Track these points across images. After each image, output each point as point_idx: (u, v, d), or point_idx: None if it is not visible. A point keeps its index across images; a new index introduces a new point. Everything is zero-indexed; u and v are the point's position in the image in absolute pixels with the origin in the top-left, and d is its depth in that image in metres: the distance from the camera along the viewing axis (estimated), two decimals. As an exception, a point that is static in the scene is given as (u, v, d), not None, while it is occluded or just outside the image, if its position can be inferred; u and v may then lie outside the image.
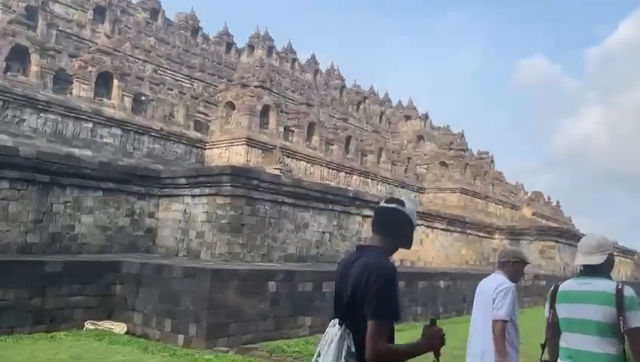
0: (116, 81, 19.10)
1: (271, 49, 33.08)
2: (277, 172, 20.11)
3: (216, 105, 22.53)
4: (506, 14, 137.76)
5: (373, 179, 24.81)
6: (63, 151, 16.31)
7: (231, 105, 21.20)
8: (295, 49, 34.74)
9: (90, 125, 18.08)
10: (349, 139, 24.15)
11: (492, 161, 33.29)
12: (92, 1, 24.12)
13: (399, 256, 15.64)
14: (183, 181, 12.03)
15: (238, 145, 20.25)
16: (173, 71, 26.02)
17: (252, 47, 33.11)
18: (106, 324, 8.87)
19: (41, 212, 10.58)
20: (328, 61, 37.42)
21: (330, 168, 22.99)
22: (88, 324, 8.72)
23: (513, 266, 4.45)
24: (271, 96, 21.60)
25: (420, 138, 31.06)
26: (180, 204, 12.21)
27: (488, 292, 4.38)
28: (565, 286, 3.28)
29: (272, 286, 8.98)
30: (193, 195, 11.92)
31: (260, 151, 20.48)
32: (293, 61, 34.07)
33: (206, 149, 21.29)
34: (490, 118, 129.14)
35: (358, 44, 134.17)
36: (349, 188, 22.69)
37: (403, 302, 10.50)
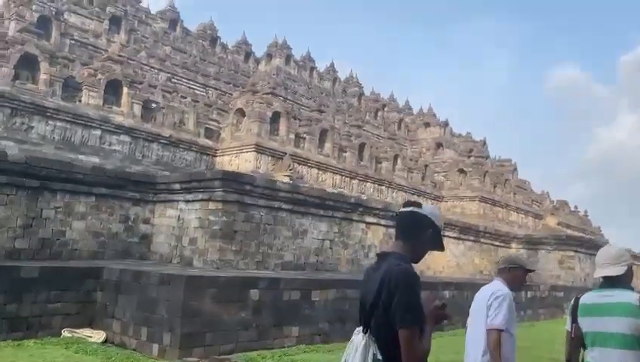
0: (126, 89, 19.14)
1: (289, 57, 33.00)
2: (286, 179, 19.83)
3: (228, 113, 22.41)
4: (535, 22, 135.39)
5: (388, 187, 24.31)
6: (69, 157, 16.37)
7: (241, 112, 21.05)
8: (318, 59, 34.80)
9: (98, 132, 18.11)
10: (362, 146, 23.72)
11: (515, 169, 32.43)
12: (108, 11, 24.35)
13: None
14: (177, 186, 11.81)
15: (247, 152, 20.05)
16: (188, 79, 26.06)
17: (270, 56, 33.08)
18: (85, 332, 8.64)
19: (31, 217, 10.47)
20: (351, 70, 37.08)
21: (342, 175, 22.60)
22: (65, 332, 8.51)
23: (510, 273, 4.10)
24: (282, 103, 21.35)
25: (439, 145, 30.44)
26: (175, 209, 11.99)
27: (483, 299, 4.04)
28: (586, 298, 3.20)
29: (254, 294, 8.63)
30: (187, 201, 11.69)
31: (270, 158, 20.24)
32: (312, 69, 33.92)
33: (217, 156, 21.16)
34: (520, 127, 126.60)
35: (384, 54, 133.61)
36: (362, 195, 22.29)
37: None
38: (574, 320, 3.22)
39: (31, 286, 8.35)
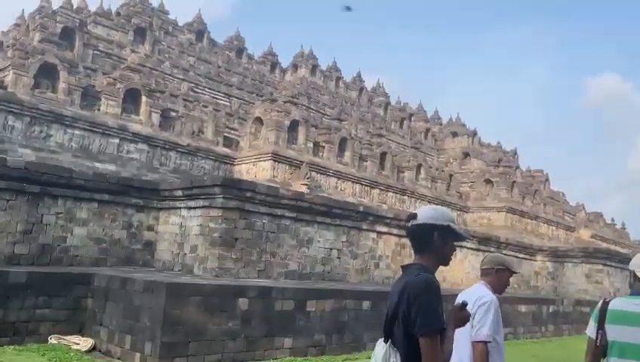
0: (144, 98, 19.28)
1: (314, 67, 32.90)
2: (304, 188, 19.56)
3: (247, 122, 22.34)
4: (572, 31, 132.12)
5: (411, 197, 23.76)
6: (86, 165, 16.52)
7: (259, 120, 20.94)
8: (349, 70, 34.50)
9: (116, 141, 18.26)
10: (384, 155, 23.28)
11: (546, 180, 31.40)
12: (133, 22, 24.71)
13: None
14: (180, 193, 11.66)
15: (264, 160, 19.90)
16: (211, 89, 26.19)
17: (296, 66, 33.07)
18: (73, 339, 8.50)
19: (31, 223, 10.47)
20: (378, 79, 36.77)
21: (363, 185, 22.19)
22: (52, 339, 8.39)
23: (497, 275, 3.79)
24: (300, 112, 21.14)
25: (466, 155, 29.70)
26: (177, 216, 11.85)
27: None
28: (617, 304, 2.97)
29: (242, 303, 8.33)
30: (189, 208, 11.53)
31: (288, 167, 20.03)
32: (337, 79, 33.72)
33: (235, 165, 21.08)
34: (556, 138, 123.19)
35: (417, 65, 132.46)
36: (383, 205, 21.80)
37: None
38: (601, 327, 2.97)
39: (18, 292, 8.27)
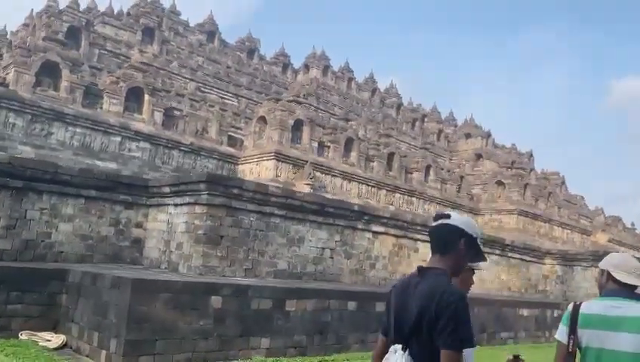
0: (147, 96, 19.22)
1: (326, 68, 32.63)
2: (307, 188, 19.27)
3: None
4: (595, 32, 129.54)
5: (419, 198, 23.31)
6: (86, 163, 16.48)
7: (263, 119, 20.74)
8: (365, 71, 34.11)
9: (118, 139, 18.22)
10: (391, 155, 22.88)
11: (563, 183, 30.61)
12: (141, 22, 24.72)
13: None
14: (167, 190, 11.46)
15: (267, 160, 19.67)
16: (219, 89, 26.09)
17: (308, 67, 32.85)
18: (45, 336, 8.33)
19: (14, 218, 10.36)
20: (391, 81, 36.34)
21: (369, 185, 21.82)
22: (23, 335, 8.23)
23: (459, 276, 3.44)
24: (305, 111, 20.86)
25: (479, 157, 29.09)
26: (165, 214, 11.65)
27: None
28: (592, 308, 2.77)
29: (215, 301, 8.06)
30: (175, 204, 11.32)
31: (291, 167, 19.76)
32: (350, 80, 33.39)
33: (239, 165, 20.90)
34: (579, 139, 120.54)
35: (437, 65, 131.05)
36: (390, 206, 21.40)
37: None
38: (573, 331, 2.77)
39: (-11, 286, 8.13)
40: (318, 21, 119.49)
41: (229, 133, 21.66)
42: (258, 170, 20.05)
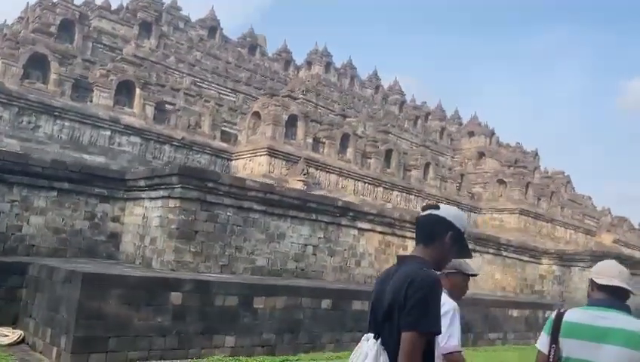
0: (138, 90, 18.95)
1: (329, 65, 32.25)
2: (300, 184, 18.90)
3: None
4: (608, 33, 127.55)
5: (417, 196, 22.83)
6: (73, 156, 16.23)
7: (257, 115, 20.39)
8: (367, 68, 33.68)
9: (108, 133, 17.96)
10: (389, 152, 22.43)
11: (568, 182, 29.98)
12: (139, 16, 24.49)
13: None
14: (142, 183, 11.15)
15: (260, 155, 19.34)
16: (217, 84, 25.81)
17: (310, 64, 32.47)
18: (3, 331, 8.04)
19: (-17, 210, 10.10)
20: (395, 78, 35.85)
21: (365, 183, 21.40)
22: (-23, 330, 7.94)
23: (449, 279, 3.37)
24: (301, 107, 20.49)
25: (482, 155, 28.53)
26: (141, 208, 11.34)
27: None
28: (575, 317, 2.65)
29: (175, 297, 7.71)
30: (150, 198, 11.01)
31: (285, 163, 19.40)
32: (352, 77, 32.97)
33: (232, 160, 20.59)
34: (590, 139, 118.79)
35: (448, 65, 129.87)
36: (388, 203, 20.96)
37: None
38: (554, 341, 2.65)
39: (-59, 280, 7.85)
40: (332, 24, 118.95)
41: (224, 129, 21.35)
42: (251, 165, 19.72)
